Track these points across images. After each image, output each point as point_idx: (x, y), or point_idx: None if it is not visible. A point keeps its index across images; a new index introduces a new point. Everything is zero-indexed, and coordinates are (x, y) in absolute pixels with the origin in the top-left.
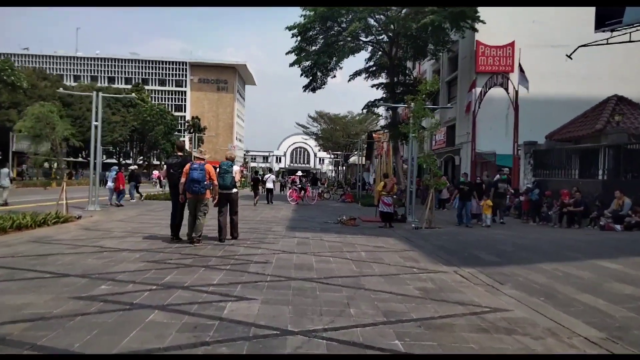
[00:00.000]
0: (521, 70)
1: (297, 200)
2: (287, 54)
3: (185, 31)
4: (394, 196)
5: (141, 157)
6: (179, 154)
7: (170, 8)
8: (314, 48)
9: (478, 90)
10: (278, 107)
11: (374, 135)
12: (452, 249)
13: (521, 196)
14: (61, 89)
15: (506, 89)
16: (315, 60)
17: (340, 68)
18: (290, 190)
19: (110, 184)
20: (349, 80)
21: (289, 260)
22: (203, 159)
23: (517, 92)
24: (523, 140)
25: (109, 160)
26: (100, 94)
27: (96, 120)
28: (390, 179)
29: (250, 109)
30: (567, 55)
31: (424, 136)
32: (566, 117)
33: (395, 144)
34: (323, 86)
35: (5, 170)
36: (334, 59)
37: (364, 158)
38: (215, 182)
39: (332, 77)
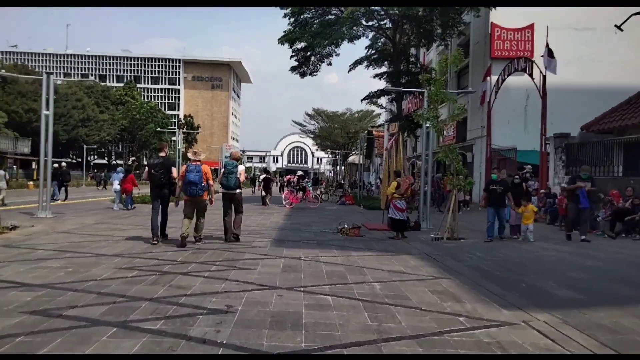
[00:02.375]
0: (549, 52)
1: (295, 202)
2: (279, 39)
3: (180, 30)
4: (408, 199)
5: (133, 157)
6: (161, 154)
7: (166, 10)
8: (308, 29)
9: (494, 78)
10: (275, 107)
11: (374, 132)
12: (499, 275)
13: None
14: (3, 71)
15: (530, 75)
16: (310, 43)
17: (337, 54)
18: (286, 191)
19: (116, 186)
20: (349, 71)
21: (264, 304)
22: (199, 161)
23: (544, 77)
24: (553, 133)
25: (98, 161)
26: (52, 77)
27: (47, 109)
28: (404, 178)
29: (246, 108)
30: (616, 26)
31: (445, 125)
32: (594, 107)
33: (404, 137)
34: (315, 73)
35: (1, 172)
36: (332, 45)
37: (363, 157)
38: (212, 183)
39: (327, 64)
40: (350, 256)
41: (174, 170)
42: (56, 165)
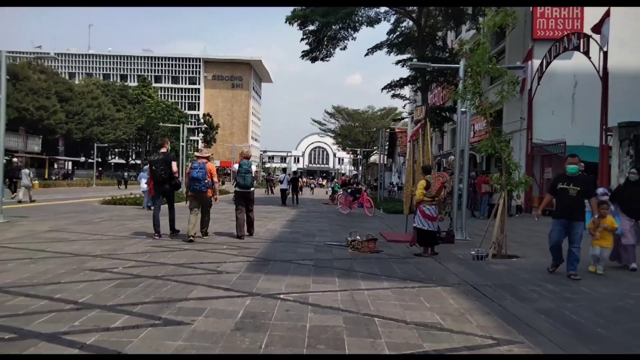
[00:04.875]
0: (602, 23)
1: (352, 209)
2: (287, 18)
3: (204, 33)
4: (441, 204)
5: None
6: (162, 150)
7: (189, 11)
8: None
9: (536, 63)
10: (297, 107)
11: (396, 129)
12: (605, 336)
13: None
14: None
15: (586, 53)
16: (323, 23)
17: (354, 38)
18: (340, 194)
19: (144, 185)
20: (366, 55)
21: None
22: (205, 158)
23: (605, 54)
24: (617, 122)
25: (117, 161)
26: (3, 53)
27: None
28: (436, 175)
29: (268, 108)
30: None
31: (491, 104)
32: None
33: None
34: (328, 58)
35: (26, 170)
36: (349, 28)
37: (385, 156)
38: (217, 180)
39: (341, 49)
40: (358, 290)
41: (174, 165)
42: (6, 159)
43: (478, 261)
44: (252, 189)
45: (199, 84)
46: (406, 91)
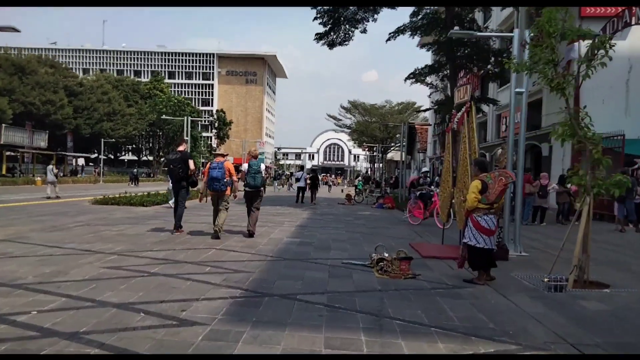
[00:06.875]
0: None
1: (421, 217)
2: None
3: (218, 32)
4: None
5: (161, 153)
6: (179, 149)
7: (204, 9)
8: None
9: (584, 44)
10: (312, 105)
11: (416, 125)
12: None
13: None
14: None
15: None
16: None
17: (375, 20)
18: (410, 200)
19: (170, 183)
20: (388, 40)
21: None
22: (223, 156)
23: None
24: None
25: (129, 157)
26: None
27: None
28: (496, 175)
29: (282, 104)
30: None
31: (572, 76)
32: None
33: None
34: (346, 42)
35: (50, 166)
36: (370, 11)
37: (404, 152)
38: (235, 179)
39: (361, 32)
40: None
41: (191, 163)
42: None
43: (555, 292)
44: (261, 188)
45: (213, 80)
46: (430, 81)
